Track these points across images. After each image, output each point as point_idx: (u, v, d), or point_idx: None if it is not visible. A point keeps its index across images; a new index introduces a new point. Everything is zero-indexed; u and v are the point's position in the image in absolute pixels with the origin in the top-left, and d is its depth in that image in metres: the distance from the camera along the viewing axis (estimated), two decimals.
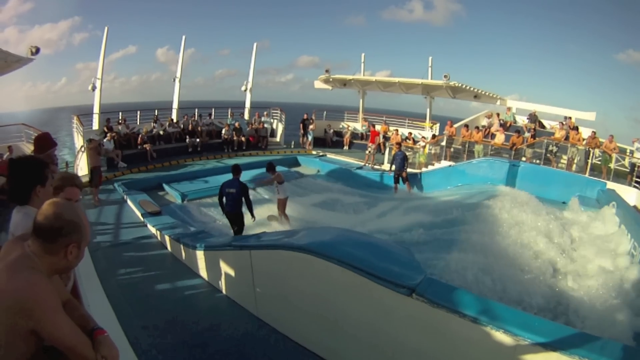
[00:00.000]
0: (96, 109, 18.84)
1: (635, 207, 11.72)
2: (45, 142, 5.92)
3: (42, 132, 7.33)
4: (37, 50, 11.55)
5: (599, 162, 15.04)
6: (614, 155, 14.64)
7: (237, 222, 9.17)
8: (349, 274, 4.49)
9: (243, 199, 9.02)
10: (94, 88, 18.83)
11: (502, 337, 3.48)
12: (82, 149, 14.75)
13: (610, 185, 13.23)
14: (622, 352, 3.22)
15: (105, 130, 16.44)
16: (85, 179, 13.08)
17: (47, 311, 1.85)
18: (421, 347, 4.23)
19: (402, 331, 4.36)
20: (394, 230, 10.46)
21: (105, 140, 15.28)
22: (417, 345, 4.25)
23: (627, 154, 15.37)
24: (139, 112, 20.22)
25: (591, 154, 15.03)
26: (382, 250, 5.43)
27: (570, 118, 17.74)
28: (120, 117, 18.80)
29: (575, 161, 15.45)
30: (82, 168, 14.41)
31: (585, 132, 16.72)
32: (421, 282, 4.09)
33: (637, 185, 13.17)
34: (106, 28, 19.34)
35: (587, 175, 14.39)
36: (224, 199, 9.10)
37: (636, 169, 13.69)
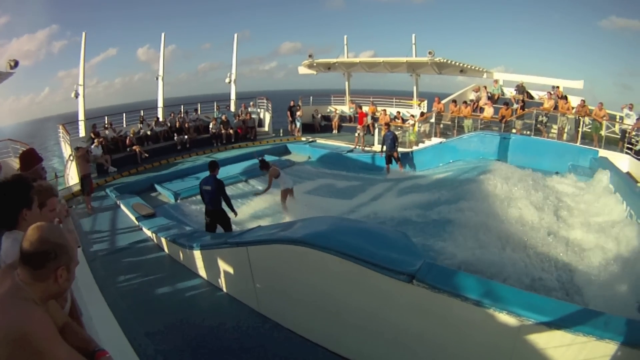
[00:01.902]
0: (81, 116, 18.66)
1: (628, 173, 11.79)
2: (30, 158, 5.87)
3: (27, 148, 7.26)
4: (16, 63, 11.43)
5: (590, 130, 15.08)
6: (604, 123, 14.67)
7: (218, 219, 9.01)
8: (346, 263, 4.48)
9: (221, 196, 8.89)
10: (76, 95, 18.64)
11: (505, 318, 3.49)
12: (71, 157, 14.66)
13: (602, 152, 13.27)
14: (626, 326, 3.23)
15: (92, 136, 16.22)
16: (77, 188, 13.04)
17: (43, 342, 1.83)
18: (424, 332, 4.24)
19: (404, 317, 4.37)
20: (390, 212, 10.46)
21: (93, 146, 15.09)
22: (420, 330, 4.26)
23: (617, 120, 15.42)
24: (124, 115, 20.02)
25: (581, 123, 15.03)
26: (379, 236, 5.43)
27: (558, 87, 17.75)
28: (106, 122, 18.60)
29: (566, 130, 15.49)
30: (72, 177, 14.35)
31: (574, 101, 16.74)
32: (421, 268, 4.08)
33: (629, 152, 13.22)
34: (84, 34, 19.22)
35: (578, 144, 14.43)
36: (203, 196, 9.05)
37: (627, 135, 13.70)
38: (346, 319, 5.00)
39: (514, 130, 15.95)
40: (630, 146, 13.32)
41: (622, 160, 12.80)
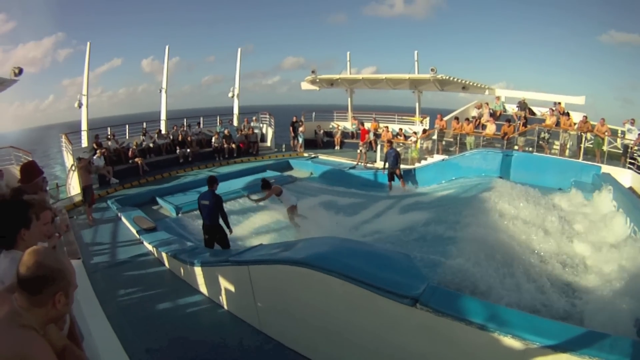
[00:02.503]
0: (84, 126, 18.73)
1: (630, 188, 11.77)
2: (31, 171, 5.87)
3: (27, 161, 7.26)
4: (20, 71, 11.48)
5: (592, 146, 15.02)
6: (607, 138, 14.63)
7: (215, 235, 8.97)
8: (349, 286, 4.44)
9: (218, 211, 8.86)
10: (80, 105, 18.72)
11: (510, 342, 3.44)
12: (73, 167, 14.65)
13: (605, 168, 13.24)
14: (632, 348, 3.19)
15: (95, 146, 16.29)
16: (78, 198, 13.00)
17: None
18: (428, 355, 4.19)
19: (408, 340, 4.32)
20: (392, 230, 10.43)
21: (95, 157, 15.13)
22: (424, 352, 4.21)
23: (619, 135, 15.40)
24: (127, 126, 20.07)
25: (583, 138, 15.02)
26: (382, 258, 5.39)
27: (559, 103, 17.77)
28: (109, 133, 18.65)
29: (568, 146, 15.47)
30: (74, 187, 14.32)
31: (576, 117, 16.74)
32: (424, 291, 4.04)
33: (631, 167, 13.17)
34: (88, 43, 19.28)
35: (580, 159, 14.42)
36: (201, 210, 9.02)
37: (629, 150, 13.70)
38: (350, 339, 4.94)
39: (516, 147, 16.00)
40: (633, 161, 13.28)
41: (625, 176, 12.79)
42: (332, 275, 4.62)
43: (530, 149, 15.92)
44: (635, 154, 13.38)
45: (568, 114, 16.81)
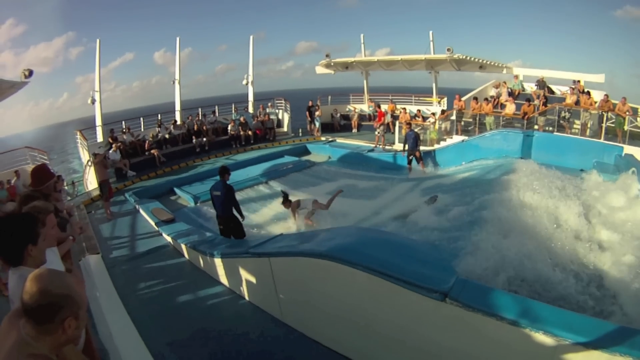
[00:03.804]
0: (98, 122, 18.75)
1: None
2: (43, 174, 5.77)
3: (38, 165, 7.17)
4: (31, 72, 11.40)
5: (613, 125, 14.58)
6: (628, 117, 14.19)
7: (228, 224, 8.89)
8: (375, 279, 4.30)
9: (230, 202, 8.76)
10: (93, 101, 18.72)
11: (542, 338, 3.34)
12: (89, 163, 14.64)
13: (627, 149, 12.77)
14: None
15: (110, 141, 16.30)
16: (96, 193, 13.00)
17: None
18: (457, 350, 4.07)
19: (436, 334, 4.20)
20: (414, 215, 10.16)
21: (111, 151, 15.13)
22: (453, 347, 4.10)
23: (639, 114, 14.93)
24: (142, 119, 20.07)
25: (604, 118, 14.54)
26: (408, 250, 5.24)
27: (579, 82, 17.29)
28: (124, 126, 18.67)
29: (589, 126, 15.03)
30: (91, 182, 14.33)
31: (596, 96, 16.26)
32: (454, 285, 3.92)
33: None
34: (98, 40, 19.16)
35: (602, 139, 13.95)
36: (213, 201, 8.93)
37: None
38: (375, 332, 4.82)
39: (536, 127, 15.60)
40: None
41: None
42: (357, 269, 4.49)
43: (551, 128, 15.49)
44: None
45: (589, 93, 16.23)
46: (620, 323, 4.22)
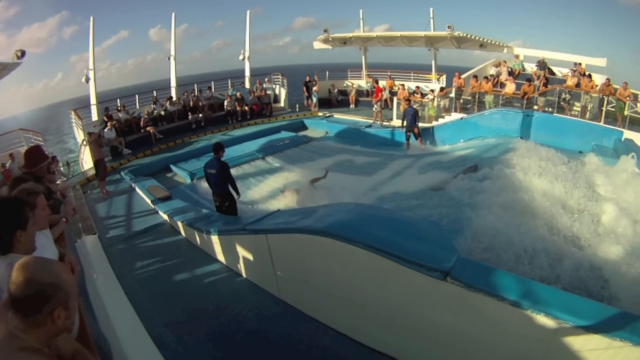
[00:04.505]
0: (93, 100, 18.45)
1: None
2: (36, 155, 5.67)
3: (31, 146, 7.07)
4: (23, 53, 11.21)
5: (613, 109, 14.55)
6: (628, 102, 14.09)
7: (224, 202, 8.79)
8: (375, 257, 4.23)
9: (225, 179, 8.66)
10: (87, 80, 18.44)
11: (543, 320, 3.34)
12: (84, 143, 14.50)
13: (627, 133, 12.73)
14: None
15: (105, 119, 16.06)
16: (92, 172, 12.90)
17: None
18: (456, 329, 4.07)
19: (436, 314, 4.19)
20: (411, 191, 10.16)
21: (106, 130, 14.91)
22: (452, 327, 4.08)
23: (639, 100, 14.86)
24: (137, 96, 19.80)
25: (605, 102, 14.48)
26: (409, 227, 5.14)
27: (580, 64, 17.20)
28: (119, 104, 18.40)
29: (589, 109, 15.00)
30: (86, 162, 14.19)
31: (597, 79, 16.19)
32: (455, 264, 3.88)
33: None
34: (92, 18, 18.92)
35: (601, 123, 13.90)
36: (208, 179, 8.83)
37: None
38: (374, 311, 4.79)
39: (535, 107, 15.57)
40: None
41: None
42: (357, 246, 4.41)
43: (550, 109, 15.49)
44: None
45: (590, 76, 16.22)
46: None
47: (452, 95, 17.66)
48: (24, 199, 2.79)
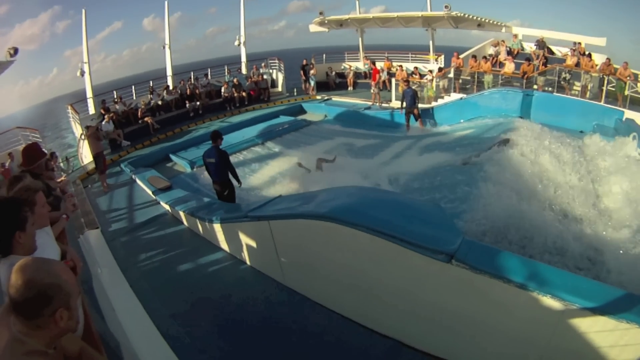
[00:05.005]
0: (89, 94, 18.36)
1: None
2: (33, 153, 5.64)
3: (29, 144, 7.03)
4: (16, 51, 11.10)
5: (613, 89, 14.35)
6: (628, 82, 13.91)
7: (224, 190, 8.73)
8: (379, 241, 4.19)
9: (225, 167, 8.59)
10: (82, 73, 18.31)
11: (549, 302, 3.33)
12: (82, 137, 14.41)
13: (628, 113, 12.59)
14: None
15: (102, 112, 15.95)
16: (92, 166, 12.85)
17: None
18: (462, 312, 4.06)
19: (442, 297, 4.17)
20: (413, 173, 10.12)
21: (103, 122, 14.77)
22: (458, 310, 4.08)
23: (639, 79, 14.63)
24: (133, 87, 19.64)
25: (605, 81, 14.28)
26: (412, 210, 5.10)
27: (580, 44, 16.97)
28: (115, 96, 18.26)
29: (589, 88, 14.83)
30: (86, 156, 14.12)
31: (597, 59, 16.00)
32: (460, 247, 3.84)
33: None
34: (83, 11, 18.70)
35: (602, 103, 13.77)
36: (207, 169, 8.76)
37: None
38: (379, 296, 4.79)
39: (535, 87, 15.39)
40: None
41: None
42: (360, 230, 4.38)
43: (550, 89, 15.29)
44: None
45: (590, 55, 16.07)
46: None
47: (451, 75, 17.50)
48: (22, 199, 2.76)
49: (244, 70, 23.59)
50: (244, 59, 23.94)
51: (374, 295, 4.83)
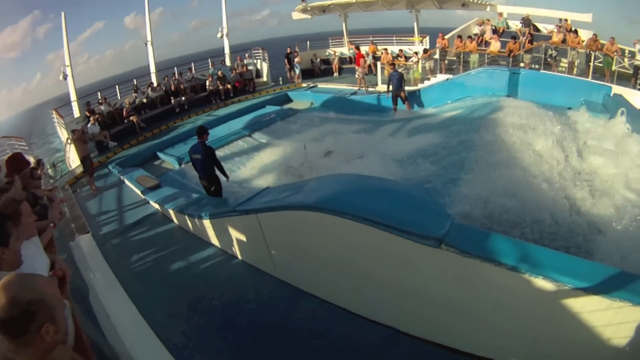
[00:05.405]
0: (73, 97, 18.03)
1: None
2: (17, 163, 5.61)
3: (12, 154, 6.95)
4: None
5: (601, 65, 14.33)
6: (616, 58, 13.90)
7: (210, 186, 8.72)
8: (366, 229, 4.19)
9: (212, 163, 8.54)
10: (65, 77, 18.00)
11: (541, 283, 3.34)
12: (68, 141, 14.26)
13: (616, 89, 12.61)
14: None
15: (87, 114, 15.69)
16: (80, 170, 12.74)
17: None
18: (455, 298, 4.10)
19: (433, 282, 4.19)
20: (401, 157, 10.11)
21: (89, 125, 14.61)
22: (450, 295, 4.12)
23: (627, 55, 14.67)
24: (117, 87, 19.31)
25: (592, 57, 14.27)
26: (400, 195, 5.10)
27: (566, 20, 16.96)
28: (99, 97, 17.98)
29: (576, 64, 14.80)
30: (73, 160, 13.97)
31: (584, 35, 15.99)
32: (449, 231, 3.83)
33: None
34: (63, 14, 18.35)
35: (589, 79, 13.79)
36: (194, 165, 8.72)
37: None
38: (371, 282, 4.79)
39: (522, 65, 15.39)
40: None
41: (636, 97, 12.04)
42: (347, 218, 4.38)
43: (537, 66, 15.29)
44: None
45: (576, 32, 16.09)
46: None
47: (437, 56, 17.41)
48: (5, 213, 2.69)
49: (228, 63, 23.37)
50: (227, 50, 23.72)
51: (367, 284, 4.83)
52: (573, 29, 16.37)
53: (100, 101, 17.42)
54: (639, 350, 3.21)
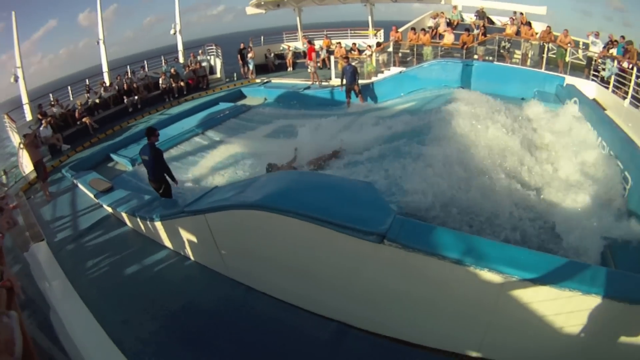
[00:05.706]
0: (25, 99, 17.47)
1: (594, 100, 11.64)
2: None
3: None
4: None
5: (554, 56, 14.78)
6: (569, 49, 14.39)
7: (160, 186, 8.63)
8: (308, 226, 4.31)
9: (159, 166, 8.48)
10: (16, 79, 17.43)
11: (487, 276, 3.44)
12: (21, 146, 14.04)
13: (569, 79, 13.08)
14: (612, 279, 3.26)
15: (40, 117, 15.27)
16: (33, 175, 12.52)
17: None
18: (401, 292, 4.19)
19: (378, 278, 4.27)
20: (353, 151, 10.27)
21: (41, 128, 14.29)
22: (397, 290, 4.20)
23: (581, 47, 15.24)
24: (69, 87, 18.92)
25: (546, 48, 14.68)
26: (343, 191, 5.21)
27: (522, 14, 17.32)
28: (52, 99, 17.51)
29: (530, 56, 15.18)
30: (26, 165, 13.73)
31: (537, 27, 16.41)
32: (391, 226, 3.92)
33: (595, 79, 12.83)
34: (13, 13, 17.79)
35: (543, 70, 14.20)
36: (145, 165, 8.67)
37: (593, 62, 13.32)
38: (319, 279, 4.92)
39: (475, 57, 15.67)
40: (596, 73, 12.94)
41: (589, 87, 12.49)
42: (289, 216, 4.49)
43: (491, 58, 15.63)
44: (599, 67, 13.02)
45: (530, 24, 16.45)
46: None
47: (390, 49, 17.59)
48: None
49: (181, 59, 23.10)
50: (180, 47, 23.38)
51: (314, 280, 4.96)
52: (527, 21, 16.76)
53: (53, 103, 16.95)
54: (594, 337, 3.37)
